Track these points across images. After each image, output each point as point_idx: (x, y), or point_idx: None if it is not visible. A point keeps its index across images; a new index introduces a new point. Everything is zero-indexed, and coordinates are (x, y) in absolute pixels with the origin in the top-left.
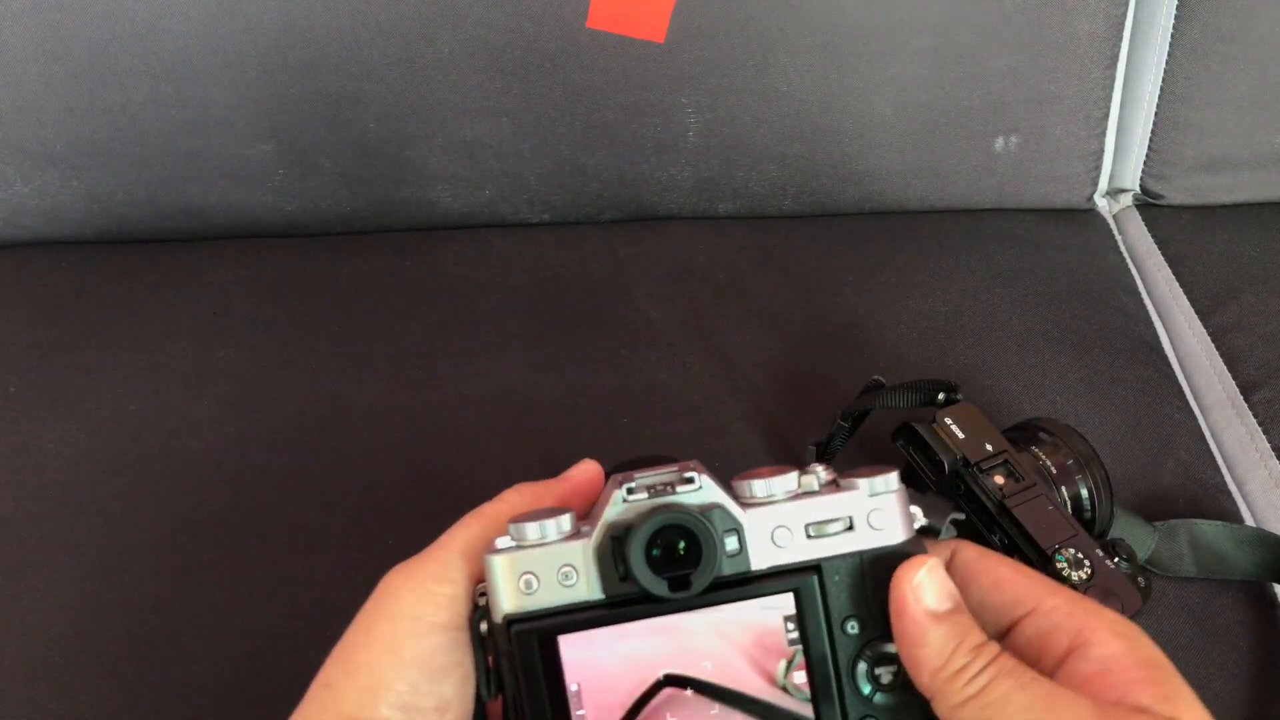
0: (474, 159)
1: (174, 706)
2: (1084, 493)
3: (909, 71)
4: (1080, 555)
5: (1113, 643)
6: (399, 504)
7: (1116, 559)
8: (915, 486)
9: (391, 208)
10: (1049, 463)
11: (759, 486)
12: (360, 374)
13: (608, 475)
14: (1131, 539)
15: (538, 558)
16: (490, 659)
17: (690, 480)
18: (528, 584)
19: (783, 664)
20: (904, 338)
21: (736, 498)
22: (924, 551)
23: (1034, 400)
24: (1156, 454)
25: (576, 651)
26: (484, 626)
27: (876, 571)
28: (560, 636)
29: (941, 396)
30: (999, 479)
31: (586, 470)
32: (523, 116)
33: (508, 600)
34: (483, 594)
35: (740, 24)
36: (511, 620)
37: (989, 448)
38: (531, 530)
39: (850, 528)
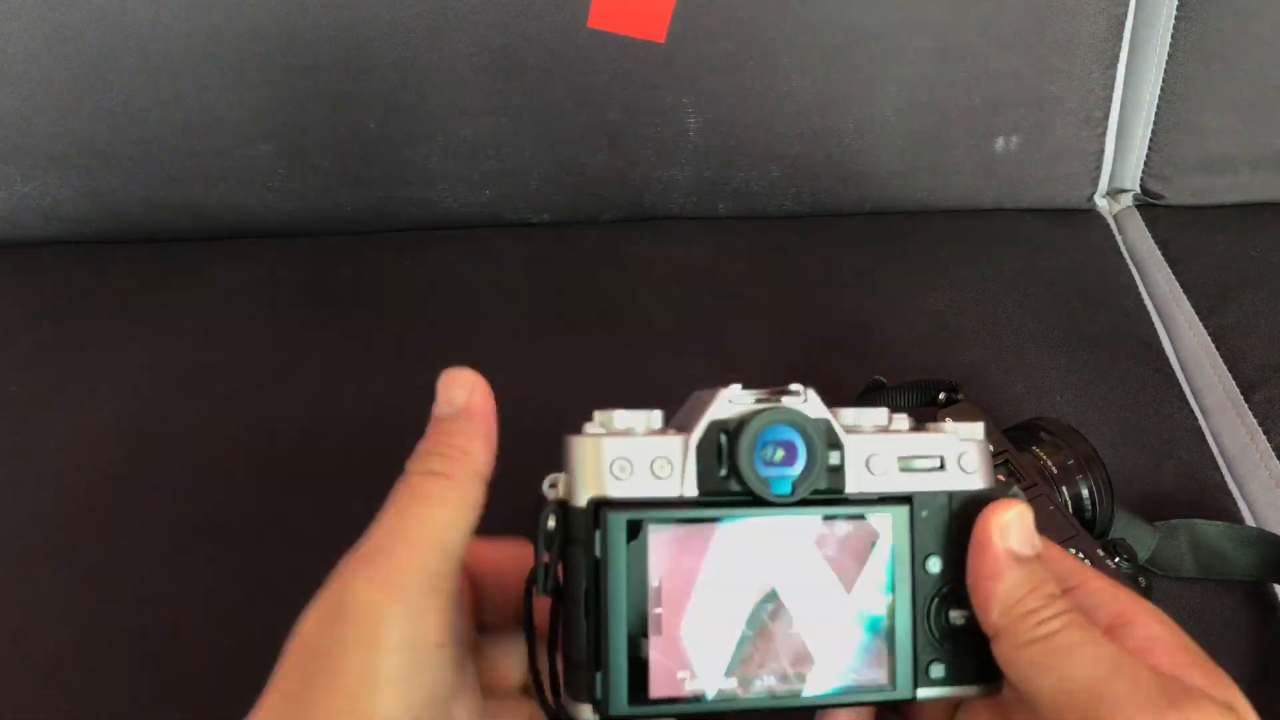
0: (474, 159)
1: (174, 706)
2: (1085, 493)
3: (909, 71)
4: (1081, 555)
5: (1156, 626)
6: None
7: (1117, 559)
8: None
9: (391, 208)
10: (1049, 463)
11: (849, 414)
12: (360, 374)
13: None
14: (1132, 539)
15: (631, 446)
16: (548, 554)
17: (796, 393)
18: (620, 470)
19: (864, 581)
20: (904, 338)
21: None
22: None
23: (1034, 400)
24: (1157, 454)
25: (662, 547)
26: (551, 522)
27: (963, 513)
28: (650, 527)
29: (942, 396)
30: (1000, 479)
31: (466, 380)
32: (523, 116)
33: (594, 484)
34: (553, 485)
35: (741, 24)
36: (599, 503)
37: (989, 448)
38: (622, 419)
39: (941, 467)
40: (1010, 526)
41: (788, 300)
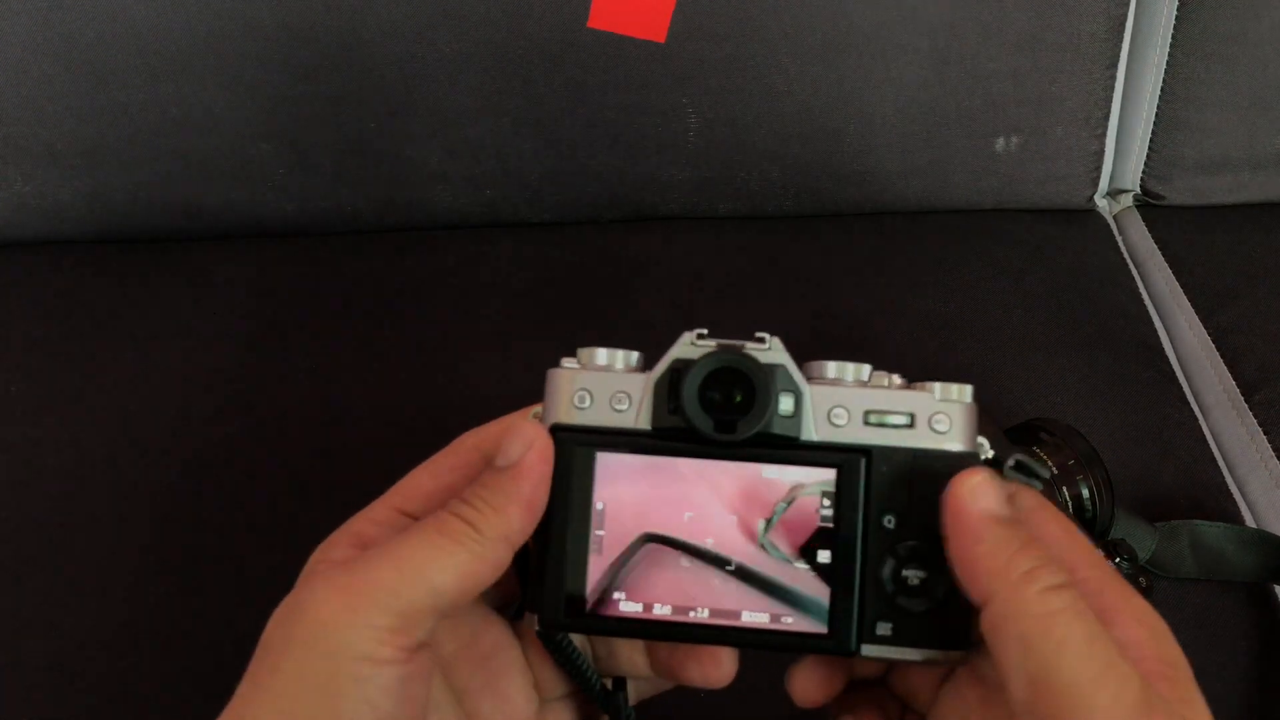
0: (474, 159)
1: (174, 706)
2: (1085, 493)
3: (909, 71)
4: None
5: (1135, 629)
6: None
7: (1117, 560)
8: None
9: (391, 208)
10: (1050, 463)
11: (831, 368)
12: (360, 374)
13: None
14: (1132, 539)
15: (596, 379)
16: None
17: (762, 340)
18: (581, 399)
19: (761, 523)
20: (904, 338)
21: (806, 374)
22: (983, 467)
23: (1034, 400)
24: (1157, 454)
25: (611, 474)
26: None
27: (928, 473)
28: (599, 453)
29: None
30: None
31: (526, 437)
32: (523, 116)
33: (559, 411)
34: (536, 415)
35: (741, 24)
36: (558, 428)
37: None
38: (601, 356)
39: (911, 425)
40: (980, 487)
41: (787, 300)
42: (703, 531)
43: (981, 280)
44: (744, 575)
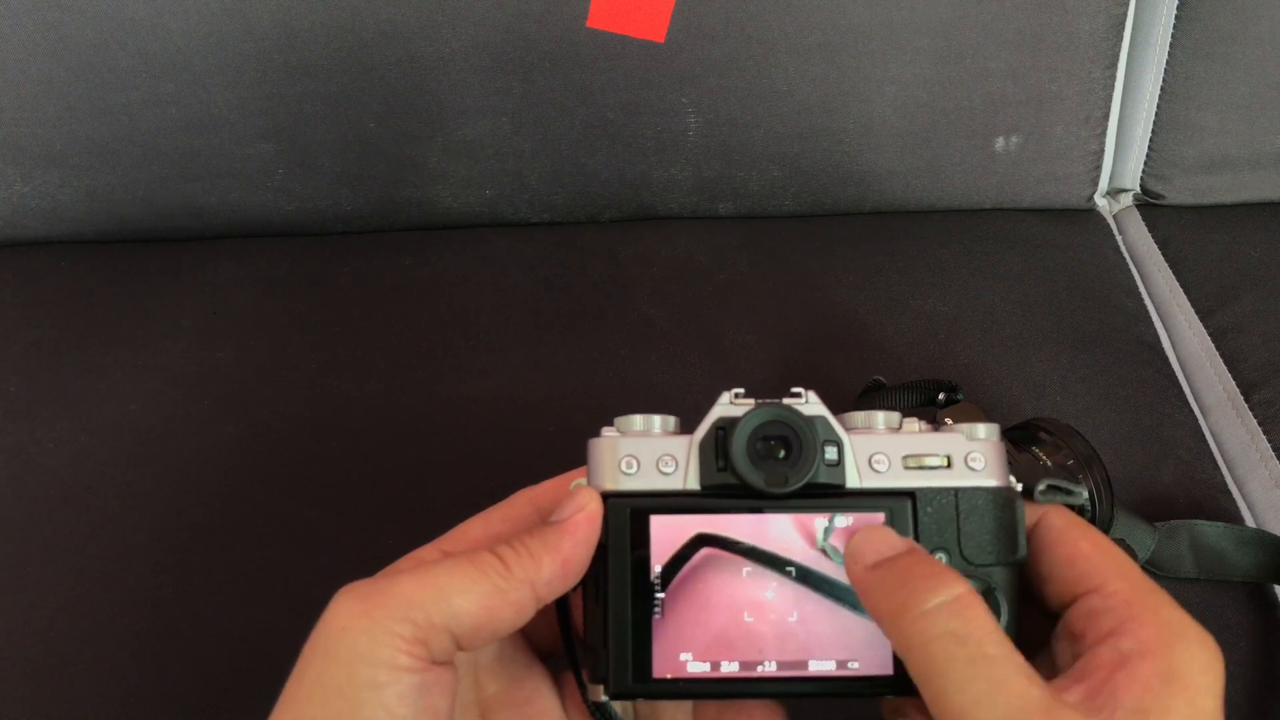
0: (474, 159)
1: (174, 706)
2: (1084, 493)
3: (909, 71)
4: None
5: (1150, 640)
6: (399, 504)
7: None
8: None
9: (391, 208)
10: (1049, 463)
11: (860, 417)
12: (360, 374)
13: None
14: (1132, 539)
15: (640, 445)
16: None
17: (798, 395)
18: (628, 465)
19: (821, 525)
20: (904, 338)
21: (841, 424)
22: (1019, 498)
23: (1034, 400)
24: (1157, 454)
25: (666, 537)
26: None
27: (971, 510)
28: (652, 517)
29: (942, 396)
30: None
31: (580, 501)
32: (523, 116)
33: (606, 478)
34: (579, 484)
35: (740, 24)
36: (607, 495)
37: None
38: (637, 422)
39: (948, 465)
40: (855, 549)
41: (787, 300)
42: (763, 577)
43: (981, 280)
44: (806, 577)
